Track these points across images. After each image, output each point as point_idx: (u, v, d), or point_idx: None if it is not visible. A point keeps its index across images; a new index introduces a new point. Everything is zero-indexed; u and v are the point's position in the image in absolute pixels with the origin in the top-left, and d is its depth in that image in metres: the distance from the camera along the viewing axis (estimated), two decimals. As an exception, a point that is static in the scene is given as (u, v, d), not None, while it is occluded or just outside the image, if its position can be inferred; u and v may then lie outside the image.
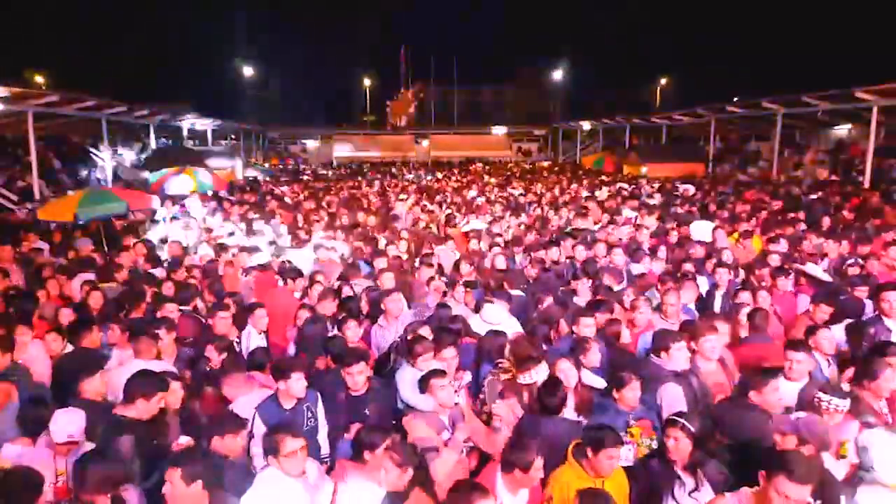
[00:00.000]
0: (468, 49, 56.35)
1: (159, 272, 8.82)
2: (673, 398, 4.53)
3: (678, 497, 3.61)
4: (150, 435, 4.10)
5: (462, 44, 56.49)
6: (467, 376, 4.99)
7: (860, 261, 7.99)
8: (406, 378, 4.78)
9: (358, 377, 4.69)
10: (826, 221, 11.54)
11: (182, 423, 4.45)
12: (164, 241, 11.13)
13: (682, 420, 3.67)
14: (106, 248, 11.19)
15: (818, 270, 7.70)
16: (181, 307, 6.74)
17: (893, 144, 23.41)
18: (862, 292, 6.64)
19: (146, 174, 21.25)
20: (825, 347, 5.28)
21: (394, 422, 4.87)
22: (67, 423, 3.90)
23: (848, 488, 3.54)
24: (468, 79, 57.09)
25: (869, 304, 6.33)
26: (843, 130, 27.59)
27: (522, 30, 61.33)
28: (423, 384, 4.46)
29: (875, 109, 17.46)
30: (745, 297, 6.45)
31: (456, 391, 4.53)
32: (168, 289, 7.56)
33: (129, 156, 28.62)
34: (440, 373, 4.45)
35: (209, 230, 12.63)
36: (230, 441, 3.90)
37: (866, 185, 18.18)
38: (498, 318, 6.13)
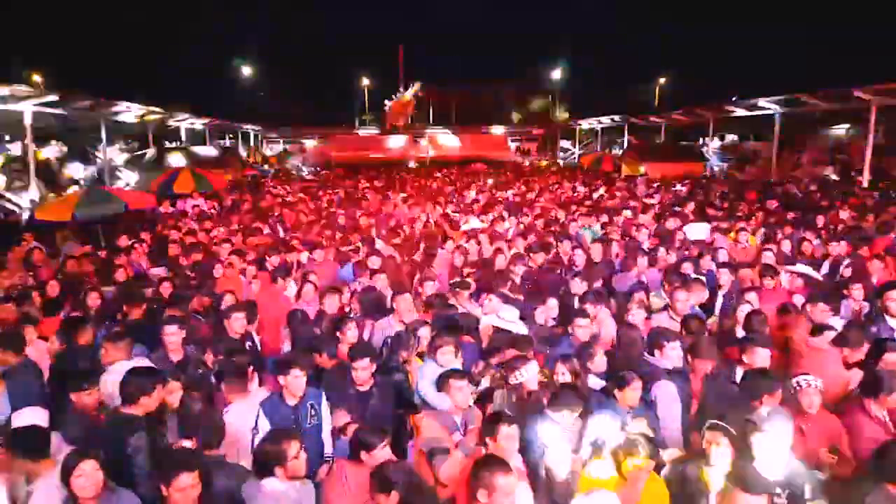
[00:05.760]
0: (466, 48, 56.33)
1: (160, 271, 8.84)
2: (667, 396, 4.58)
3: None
4: (155, 433, 4.09)
5: (460, 43, 56.34)
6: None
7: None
8: (427, 373, 4.79)
9: (362, 373, 4.71)
10: (821, 220, 11.54)
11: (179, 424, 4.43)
12: None
13: (723, 425, 3.67)
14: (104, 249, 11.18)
15: (810, 269, 7.71)
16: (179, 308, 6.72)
17: (892, 143, 23.46)
18: (858, 292, 6.67)
19: (145, 174, 21.28)
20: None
21: (401, 411, 4.92)
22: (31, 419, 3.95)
23: None
24: (466, 78, 57.09)
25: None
26: (841, 130, 27.65)
27: (521, 29, 61.29)
28: (441, 383, 4.46)
29: (874, 109, 17.50)
30: (751, 297, 6.47)
31: (473, 393, 4.54)
32: (166, 289, 7.56)
33: (127, 155, 28.60)
34: (459, 373, 4.45)
35: (207, 231, 12.63)
36: None
37: (865, 184, 18.21)
38: (512, 318, 6.16)
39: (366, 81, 58.15)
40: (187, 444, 3.97)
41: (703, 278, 7.50)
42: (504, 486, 3.15)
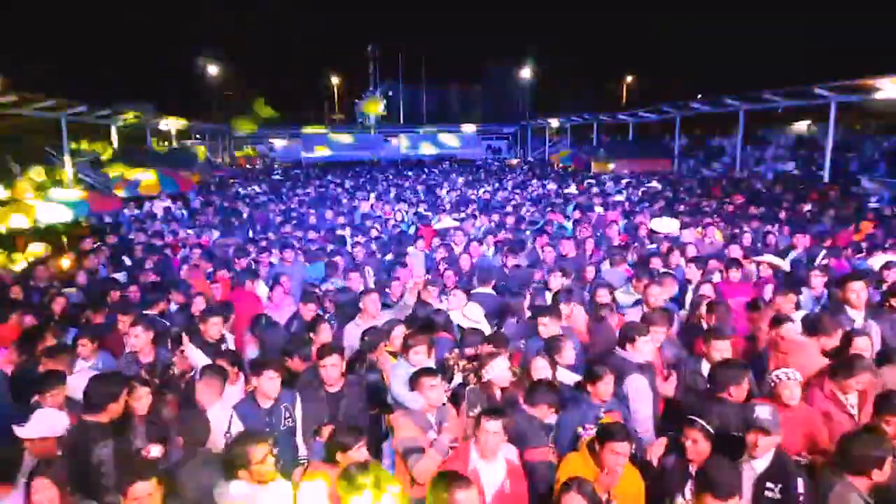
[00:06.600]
0: (436, 47, 56.28)
1: (122, 276, 8.65)
2: (639, 390, 4.62)
3: (688, 496, 3.64)
4: (121, 440, 3.98)
5: (430, 42, 56.26)
6: None
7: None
8: (400, 373, 4.76)
9: (331, 370, 4.66)
10: (783, 215, 11.80)
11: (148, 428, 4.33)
12: None
13: (700, 421, 3.69)
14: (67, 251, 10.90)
15: (778, 260, 7.88)
16: (147, 311, 6.58)
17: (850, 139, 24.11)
18: (819, 280, 6.83)
19: (108, 175, 20.81)
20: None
21: (375, 411, 4.89)
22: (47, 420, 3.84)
23: None
24: (436, 77, 57.07)
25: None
26: (803, 126, 28.33)
27: (490, 28, 61.49)
28: (414, 382, 4.45)
29: (833, 105, 17.97)
30: (706, 289, 6.58)
31: (445, 391, 4.52)
32: (133, 292, 7.40)
33: (90, 157, 27.88)
34: (431, 372, 4.44)
35: (174, 233, 12.40)
36: None
37: (826, 178, 18.67)
38: (477, 316, 6.16)
39: (335, 80, 57.69)
40: (156, 449, 3.88)
41: (674, 273, 7.60)
42: (464, 500, 3.12)
